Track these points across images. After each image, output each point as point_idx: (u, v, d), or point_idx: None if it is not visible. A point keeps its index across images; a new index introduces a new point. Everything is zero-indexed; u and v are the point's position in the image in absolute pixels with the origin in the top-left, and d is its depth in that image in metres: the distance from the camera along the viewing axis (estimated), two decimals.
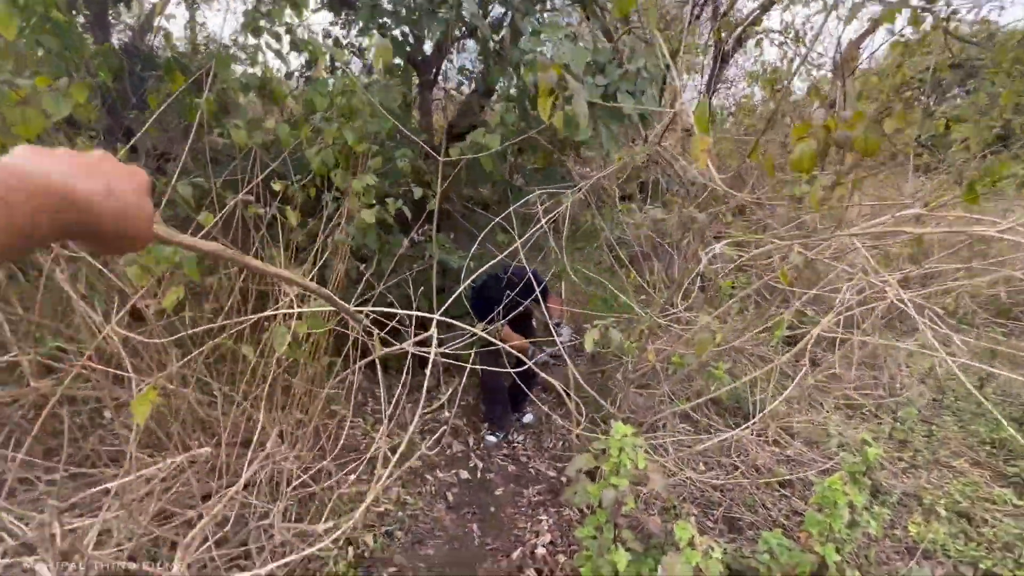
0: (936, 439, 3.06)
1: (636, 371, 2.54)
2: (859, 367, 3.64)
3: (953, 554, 2.20)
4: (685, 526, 1.52)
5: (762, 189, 3.07)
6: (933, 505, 2.44)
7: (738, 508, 2.40)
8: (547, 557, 2.20)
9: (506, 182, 3.19)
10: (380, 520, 2.23)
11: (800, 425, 2.88)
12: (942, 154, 5.52)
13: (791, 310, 1.99)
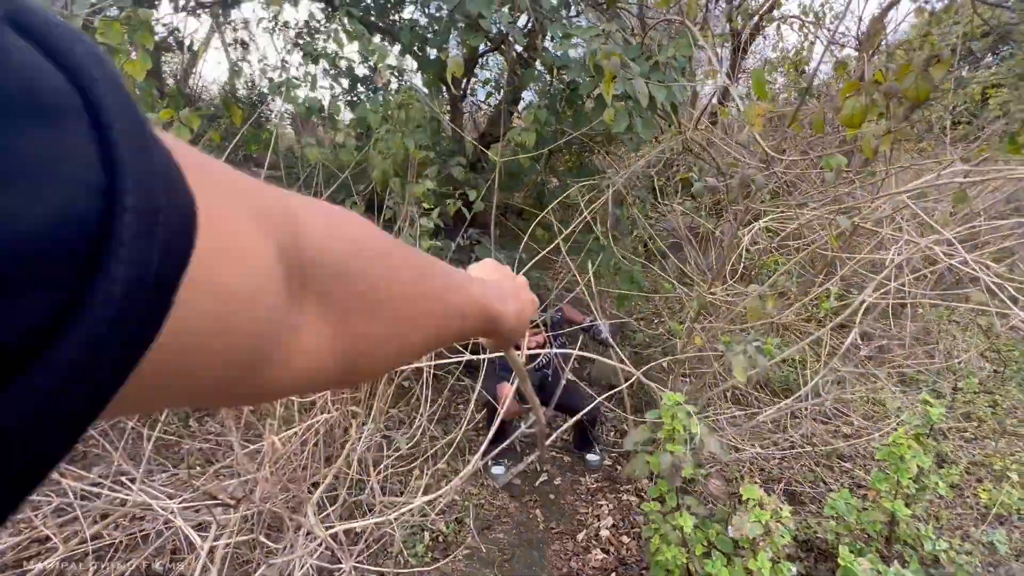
0: (1002, 409, 2.98)
1: (683, 355, 2.59)
2: (913, 343, 3.57)
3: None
4: (752, 488, 1.57)
5: (796, 168, 3.08)
6: (1004, 471, 2.38)
7: (798, 484, 2.41)
8: (611, 538, 2.27)
9: (541, 184, 3.31)
10: (450, 509, 2.34)
11: (857, 400, 2.86)
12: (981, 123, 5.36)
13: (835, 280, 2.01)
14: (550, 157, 3.50)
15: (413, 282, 0.30)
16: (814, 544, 1.98)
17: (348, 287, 0.24)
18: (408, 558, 1.98)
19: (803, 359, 3.07)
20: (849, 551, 1.63)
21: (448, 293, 0.36)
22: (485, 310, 0.42)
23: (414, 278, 0.31)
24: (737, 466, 2.47)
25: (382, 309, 0.27)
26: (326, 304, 0.23)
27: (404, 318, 0.29)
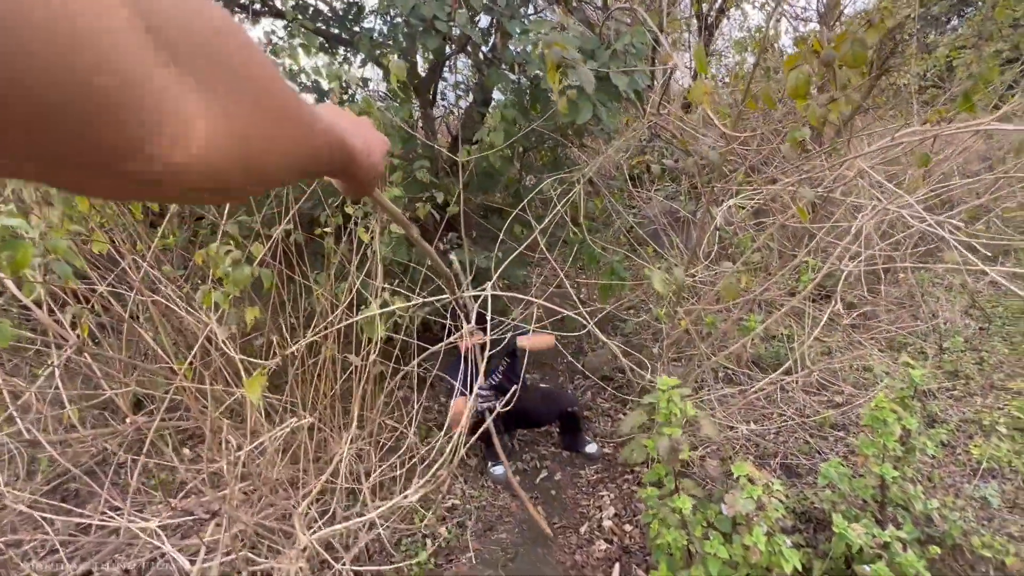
0: (988, 365, 3.02)
1: (670, 340, 2.61)
2: (898, 308, 3.61)
3: (1020, 469, 2.18)
4: (742, 465, 1.59)
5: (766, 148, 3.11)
6: (993, 425, 2.42)
7: (794, 456, 2.43)
8: (614, 528, 2.27)
9: (516, 182, 3.32)
10: (451, 513, 2.33)
11: (845, 370, 2.89)
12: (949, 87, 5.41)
13: (809, 251, 2.03)
14: (525, 155, 3.51)
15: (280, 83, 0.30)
16: (812, 515, 2.00)
17: (221, 70, 0.24)
18: (412, 565, 1.98)
19: (790, 334, 3.10)
20: (843, 518, 1.65)
21: (306, 107, 0.35)
22: (340, 139, 0.42)
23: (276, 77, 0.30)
24: (732, 444, 2.48)
25: (260, 100, 0.27)
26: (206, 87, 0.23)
27: (279, 117, 0.30)
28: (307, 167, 0.39)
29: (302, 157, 0.36)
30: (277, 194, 2.34)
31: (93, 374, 1.70)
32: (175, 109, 0.21)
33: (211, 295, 1.34)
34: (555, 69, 1.27)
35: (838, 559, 1.70)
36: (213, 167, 0.25)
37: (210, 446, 1.09)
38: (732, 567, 1.63)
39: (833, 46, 1.03)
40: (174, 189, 0.25)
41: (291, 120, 0.32)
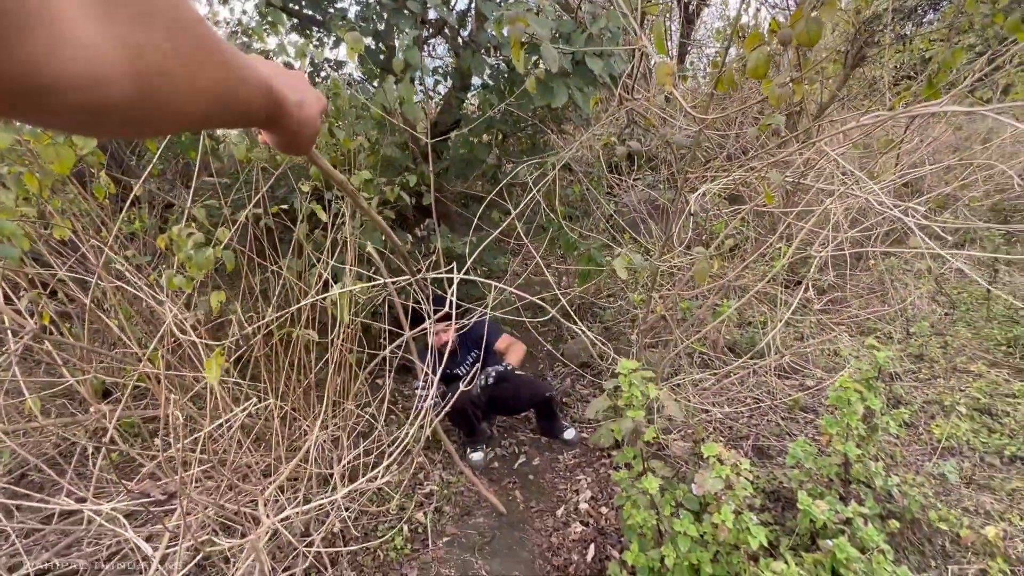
0: (952, 348, 3.12)
1: (646, 325, 2.63)
2: (868, 294, 3.70)
3: (978, 447, 2.27)
4: (712, 446, 1.62)
5: (742, 134, 3.14)
6: (954, 406, 2.50)
7: (765, 438, 2.49)
8: (590, 510, 2.30)
9: (495, 168, 3.30)
10: (428, 499, 2.34)
11: (815, 354, 2.95)
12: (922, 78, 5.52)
13: (779, 236, 2.06)
14: (504, 141, 3.48)
15: (202, 25, 0.31)
16: (780, 494, 2.05)
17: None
18: (388, 549, 1.99)
19: (764, 321, 3.15)
20: (809, 496, 1.70)
21: (229, 50, 0.35)
22: (269, 86, 0.42)
23: (198, 19, 0.31)
24: (706, 427, 2.53)
25: (172, 31, 0.28)
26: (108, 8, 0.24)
27: (193, 50, 0.30)
28: (231, 109, 0.38)
29: (223, 97, 0.35)
30: (247, 180, 2.29)
31: (54, 362, 1.65)
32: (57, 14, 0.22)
33: (172, 279, 1.31)
34: (519, 46, 1.25)
35: (803, 535, 1.75)
36: (96, 76, 0.24)
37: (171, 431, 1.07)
38: (701, 545, 1.67)
39: (789, 24, 1.03)
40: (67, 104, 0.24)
41: (207, 54, 0.32)
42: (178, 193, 3.31)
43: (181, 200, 3.12)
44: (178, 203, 3.19)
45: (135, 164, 3.17)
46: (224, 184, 2.48)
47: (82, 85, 0.24)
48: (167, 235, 1.48)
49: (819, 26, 1.03)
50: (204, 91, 0.32)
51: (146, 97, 0.28)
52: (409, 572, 1.94)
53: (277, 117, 0.47)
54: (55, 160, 1.13)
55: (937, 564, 1.76)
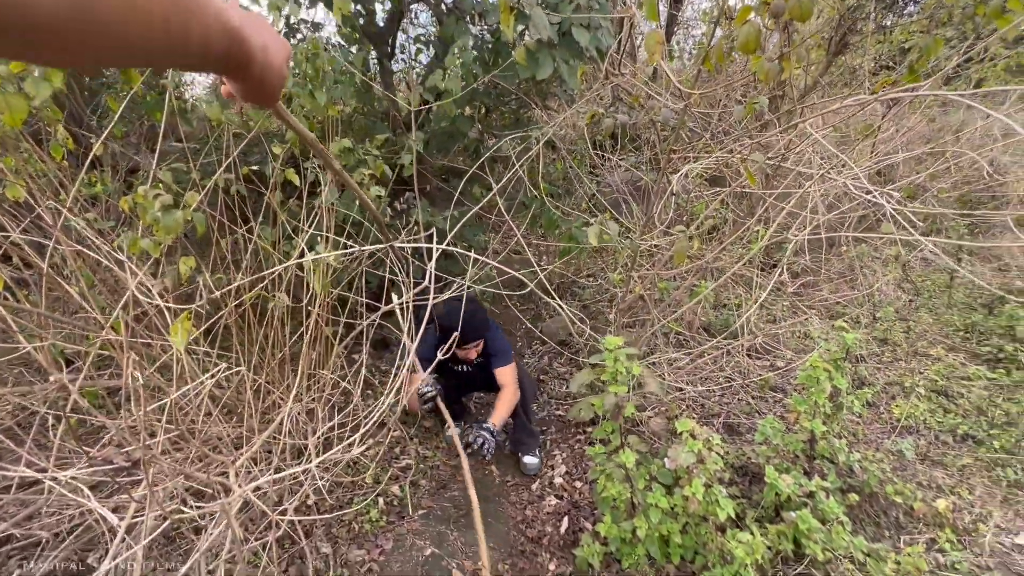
0: (914, 333, 3.25)
1: (624, 304, 2.66)
2: (838, 279, 3.81)
3: (933, 426, 2.38)
4: (686, 422, 1.65)
5: (727, 114, 3.15)
6: (914, 387, 2.61)
7: (736, 416, 2.56)
8: (564, 484, 2.35)
9: (477, 142, 3.23)
10: (404, 473, 2.35)
11: (787, 336, 3.04)
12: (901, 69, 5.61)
13: (758, 218, 2.09)
14: (487, 115, 3.41)
15: None
16: (748, 469, 2.12)
17: None
18: (364, 521, 1.99)
19: (739, 303, 3.22)
20: (775, 470, 1.76)
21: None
22: (231, 27, 0.40)
23: None
24: (680, 405, 2.58)
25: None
26: None
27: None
28: (184, 42, 0.35)
29: (172, 26, 0.32)
30: (217, 145, 2.19)
31: (10, 329, 1.57)
32: None
33: (138, 242, 1.24)
34: (508, 11, 1.21)
35: (768, 507, 1.82)
36: None
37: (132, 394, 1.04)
38: (672, 517, 1.72)
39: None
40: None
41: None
42: (143, 157, 3.15)
43: (146, 164, 2.98)
44: (143, 168, 3.04)
45: (95, 124, 3.00)
46: (193, 149, 2.37)
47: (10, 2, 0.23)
48: (131, 197, 1.41)
49: (811, 3, 1.02)
50: (147, 14, 0.30)
51: (81, 15, 0.26)
52: (384, 543, 1.95)
53: (239, 59, 0.43)
54: (5, 111, 1.05)
55: (891, 534, 1.86)
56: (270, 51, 0.46)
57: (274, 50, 0.47)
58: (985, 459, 2.17)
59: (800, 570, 1.64)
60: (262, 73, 0.47)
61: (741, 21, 1.07)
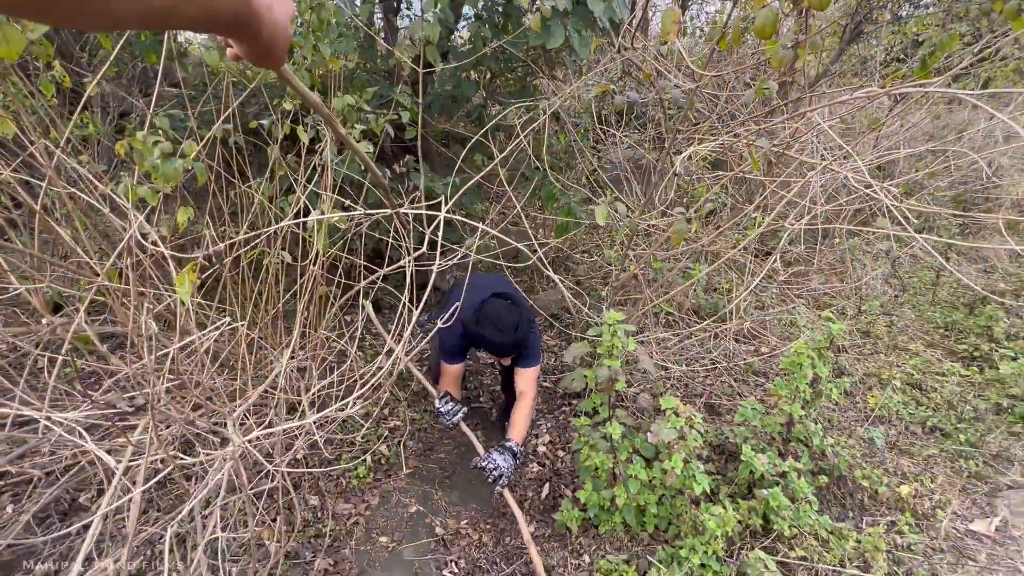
0: (896, 328, 3.33)
1: (618, 283, 2.68)
2: (829, 270, 3.86)
3: (905, 417, 2.47)
4: (670, 399, 1.70)
5: (735, 96, 3.11)
6: (890, 380, 2.70)
7: (718, 397, 2.63)
8: (548, 452, 2.42)
9: (480, 108, 3.17)
10: (392, 434, 2.40)
11: (773, 323, 3.10)
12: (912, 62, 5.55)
13: (758, 204, 2.10)
14: (492, 80, 3.33)
15: None
16: (726, 448, 2.19)
17: None
18: (351, 476, 2.05)
19: (730, 287, 3.26)
20: (751, 450, 1.83)
21: None
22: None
23: None
24: (664, 383, 2.65)
25: None
26: None
27: None
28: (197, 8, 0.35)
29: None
30: (216, 93, 2.13)
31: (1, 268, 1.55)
32: None
33: (135, 189, 1.22)
34: None
35: (741, 484, 1.90)
36: None
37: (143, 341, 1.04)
38: (649, 488, 1.79)
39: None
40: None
41: None
42: (135, 100, 3.05)
43: (139, 109, 2.89)
44: (136, 112, 2.95)
45: (86, 61, 2.89)
46: (189, 96, 2.30)
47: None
48: (127, 141, 1.37)
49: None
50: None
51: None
52: (371, 499, 2.01)
53: (246, 19, 0.42)
54: (2, 43, 1.01)
55: (854, 515, 1.96)
56: (275, 10, 0.46)
57: (279, 9, 0.47)
58: (950, 451, 2.27)
59: (767, 543, 1.73)
60: (270, 34, 0.46)
61: (760, 4, 1.06)
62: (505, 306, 1.83)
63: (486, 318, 1.80)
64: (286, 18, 0.48)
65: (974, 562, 1.77)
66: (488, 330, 1.79)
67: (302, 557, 1.70)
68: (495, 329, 1.79)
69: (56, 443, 1.34)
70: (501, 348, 1.83)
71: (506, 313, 1.81)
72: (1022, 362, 2.60)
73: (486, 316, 1.81)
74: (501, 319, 1.80)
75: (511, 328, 1.79)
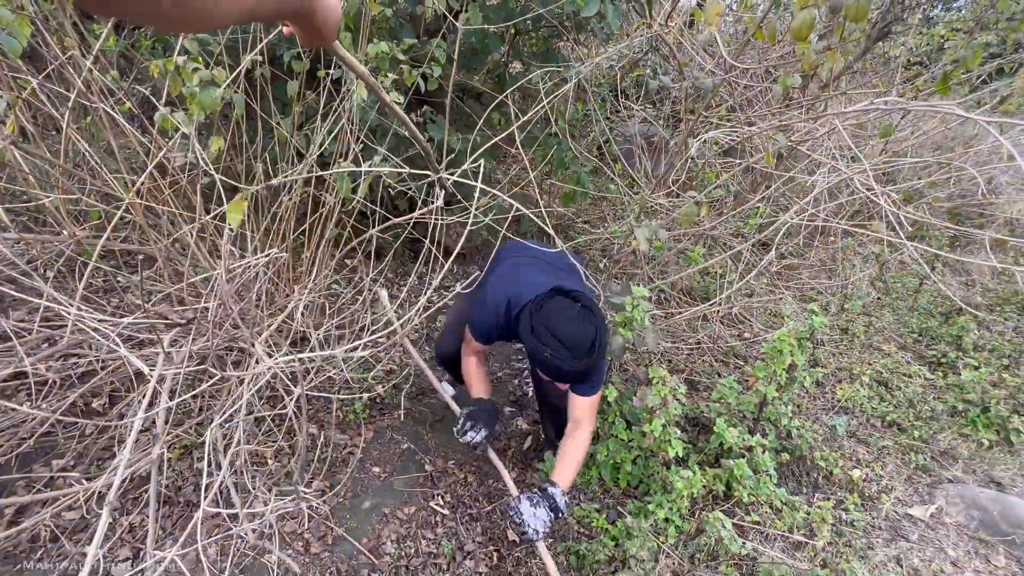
0: (873, 328, 3.48)
1: (620, 256, 2.77)
2: (819, 266, 3.98)
3: (868, 410, 2.65)
4: (658, 369, 1.82)
5: (755, 88, 3.12)
6: (860, 375, 2.87)
7: (698, 375, 2.78)
8: (534, 407, 2.56)
9: (502, 66, 3.14)
10: (387, 376, 2.51)
11: (760, 310, 3.23)
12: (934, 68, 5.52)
13: (764, 197, 2.17)
14: (515, 38, 3.28)
15: None
16: (699, 420, 2.35)
17: None
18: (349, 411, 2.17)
19: (723, 271, 3.36)
20: (724, 423, 1.97)
21: None
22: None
23: None
24: (648, 357, 2.78)
25: None
26: None
27: None
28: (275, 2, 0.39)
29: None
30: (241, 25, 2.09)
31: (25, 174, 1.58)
32: None
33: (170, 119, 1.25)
34: None
35: (710, 453, 2.06)
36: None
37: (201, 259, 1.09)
38: (627, 448, 1.94)
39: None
40: None
41: None
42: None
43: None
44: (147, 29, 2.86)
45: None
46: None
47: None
48: (163, 62, 1.39)
49: (869, 2, 1.04)
50: None
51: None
52: (366, 433, 2.14)
53: (308, 8, 0.46)
54: None
55: (808, 491, 2.14)
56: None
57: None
58: (903, 444, 2.46)
59: (726, 507, 1.90)
60: (324, 16, 0.49)
61: (800, 6, 1.09)
62: (577, 314, 1.31)
63: (551, 333, 1.28)
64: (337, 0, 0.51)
65: (907, 541, 1.97)
66: (553, 348, 1.27)
67: (301, 478, 1.83)
68: (564, 350, 1.27)
69: (77, 345, 1.42)
70: (568, 375, 1.33)
71: (579, 326, 1.29)
72: (983, 371, 2.77)
73: (550, 329, 1.28)
74: (574, 337, 1.27)
75: (585, 349, 1.28)
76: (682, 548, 1.74)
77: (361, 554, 1.65)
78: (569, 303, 1.35)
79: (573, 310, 1.34)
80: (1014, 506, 2.07)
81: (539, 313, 1.34)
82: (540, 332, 1.30)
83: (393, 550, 1.69)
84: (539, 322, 1.32)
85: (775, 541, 1.83)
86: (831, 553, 1.83)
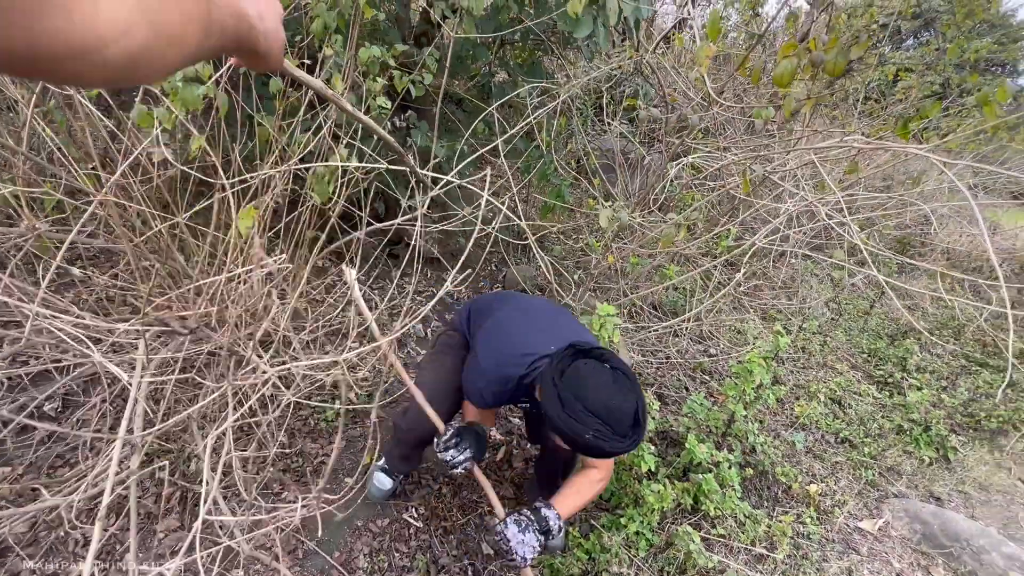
0: (828, 347, 3.68)
1: (596, 271, 2.82)
2: (780, 287, 4.18)
3: (823, 427, 2.80)
4: None
5: (730, 112, 3.26)
6: (816, 393, 3.02)
7: (667, 389, 2.86)
8: (507, 420, 2.56)
9: (488, 75, 3.16)
10: (359, 384, 2.46)
11: (727, 327, 3.35)
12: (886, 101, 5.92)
13: (736, 222, 2.27)
14: (501, 47, 3.31)
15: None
16: (669, 435, 2.42)
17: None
18: (320, 419, 2.11)
19: (693, 289, 3.48)
20: (695, 439, 2.04)
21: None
22: (234, 8, 0.42)
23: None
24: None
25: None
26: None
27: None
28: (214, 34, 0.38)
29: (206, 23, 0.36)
30: None
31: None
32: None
33: (150, 115, 1.20)
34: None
35: (679, 467, 2.12)
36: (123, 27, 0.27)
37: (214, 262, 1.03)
38: None
39: (824, 49, 1.12)
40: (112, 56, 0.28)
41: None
42: None
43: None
44: None
45: None
46: None
47: (118, 36, 0.27)
48: None
49: (846, 60, 1.12)
50: (194, 20, 0.34)
51: (158, 36, 0.30)
52: (338, 442, 2.09)
53: (247, 39, 0.44)
54: None
55: (768, 505, 2.23)
56: (266, 18, 0.47)
57: (268, 16, 0.47)
58: (854, 460, 2.60)
59: (694, 520, 1.96)
60: (266, 42, 0.47)
61: (784, 55, 1.16)
62: (611, 379, 1.10)
63: (586, 408, 1.06)
64: (276, 22, 0.49)
65: (857, 554, 2.09)
66: (594, 428, 1.06)
67: (271, 488, 1.77)
68: (606, 428, 1.06)
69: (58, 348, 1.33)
70: (611, 455, 1.14)
71: (618, 396, 1.08)
72: (926, 392, 2.97)
73: (584, 403, 1.06)
74: (615, 412, 1.07)
75: (630, 424, 1.08)
76: (652, 561, 1.78)
77: (333, 568, 1.61)
78: (597, 366, 1.11)
79: (605, 374, 1.10)
80: (951, 520, 2.23)
81: (564, 382, 1.10)
82: (575, 410, 1.06)
83: (366, 564, 1.66)
84: (568, 393, 1.08)
85: (739, 554, 1.90)
86: (790, 565, 1.91)
